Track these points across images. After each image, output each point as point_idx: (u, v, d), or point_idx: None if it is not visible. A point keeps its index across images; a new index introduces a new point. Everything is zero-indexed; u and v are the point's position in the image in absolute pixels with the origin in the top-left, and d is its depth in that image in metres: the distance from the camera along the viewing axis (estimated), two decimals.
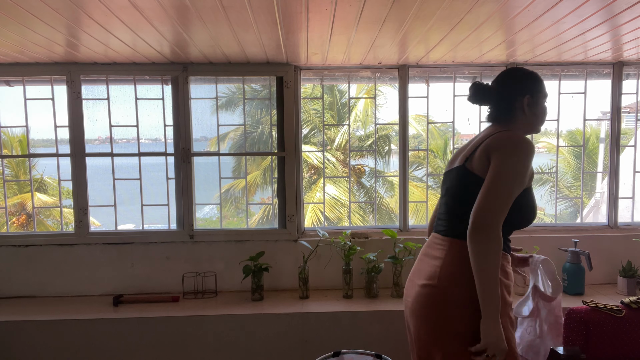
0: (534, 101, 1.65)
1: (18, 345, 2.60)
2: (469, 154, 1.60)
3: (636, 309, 1.95)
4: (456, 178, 1.63)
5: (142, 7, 1.84)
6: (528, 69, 1.72)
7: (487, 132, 1.65)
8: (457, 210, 1.60)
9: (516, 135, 1.56)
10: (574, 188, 11.18)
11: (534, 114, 1.66)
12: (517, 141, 1.53)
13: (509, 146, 1.52)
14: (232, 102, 10.79)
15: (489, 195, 1.45)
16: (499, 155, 1.50)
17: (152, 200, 3.09)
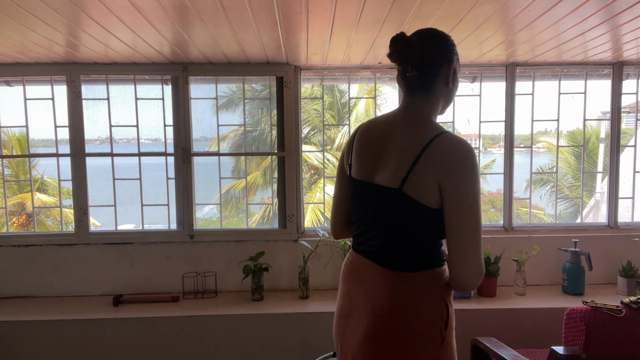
0: (455, 72, 1.35)
1: (18, 345, 2.60)
2: (406, 174, 1.24)
3: (636, 309, 1.94)
4: (393, 205, 1.28)
5: (142, 7, 1.84)
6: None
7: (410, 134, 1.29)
8: (400, 241, 1.30)
9: (462, 142, 1.22)
10: (574, 188, 11.18)
11: (454, 87, 1.37)
12: (470, 154, 1.22)
13: (467, 165, 1.21)
14: (232, 102, 10.79)
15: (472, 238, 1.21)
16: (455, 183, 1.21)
17: (152, 200, 3.09)
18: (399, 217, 1.28)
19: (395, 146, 1.29)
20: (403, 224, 1.28)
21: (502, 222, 3.16)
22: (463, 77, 3.14)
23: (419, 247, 1.30)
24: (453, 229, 1.22)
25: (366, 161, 1.35)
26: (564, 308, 2.09)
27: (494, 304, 2.69)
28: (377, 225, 1.33)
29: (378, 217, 1.33)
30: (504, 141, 3.10)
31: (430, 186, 1.22)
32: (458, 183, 1.21)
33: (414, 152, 1.24)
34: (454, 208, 1.21)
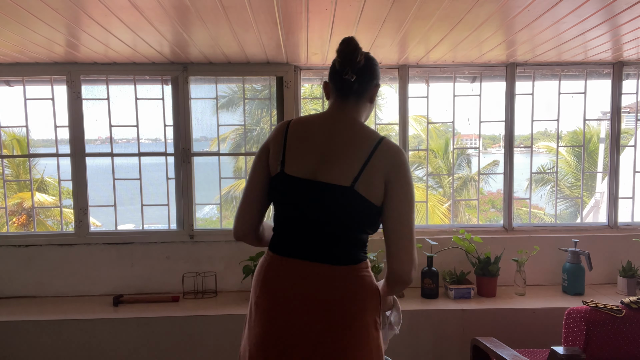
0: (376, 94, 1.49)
1: (18, 345, 2.60)
2: (358, 173, 1.30)
3: (636, 309, 1.94)
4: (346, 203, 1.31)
5: (142, 7, 1.84)
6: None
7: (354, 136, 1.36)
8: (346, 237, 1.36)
9: (399, 146, 1.36)
10: (574, 188, 11.18)
11: (372, 108, 1.51)
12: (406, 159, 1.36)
13: (407, 169, 1.34)
14: (233, 102, 10.80)
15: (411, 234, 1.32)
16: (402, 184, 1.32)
17: (152, 200, 3.09)
18: (348, 215, 1.33)
19: (343, 146, 1.35)
20: (352, 221, 1.34)
21: (502, 222, 3.16)
22: (463, 77, 3.14)
23: (360, 241, 1.39)
24: (397, 224, 1.32)
25: (307, 159, 1.35)
26: (564, 308, 2.09)
27: (494, 304, 2.69)
28: (320, 224, 1.34)
29: (322, 215, 1.33)
30: (504, 141, 3.10)
31: (378, 185, 1.31)
32: (404, 182, 1.33)
33: (364, 153, 1.32)
34: (399, 205, 1.32)
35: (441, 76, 3.12)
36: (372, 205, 1.32)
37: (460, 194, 12.09)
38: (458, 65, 3.01)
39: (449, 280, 2.86)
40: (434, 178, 11.58)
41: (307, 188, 1.34)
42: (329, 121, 1.41)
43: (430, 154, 11.53)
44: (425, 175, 3.82)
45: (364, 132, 1.38)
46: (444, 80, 3.17)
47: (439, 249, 2.90)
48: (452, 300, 2.76)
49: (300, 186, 1.34)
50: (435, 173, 11.96)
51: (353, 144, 1.34)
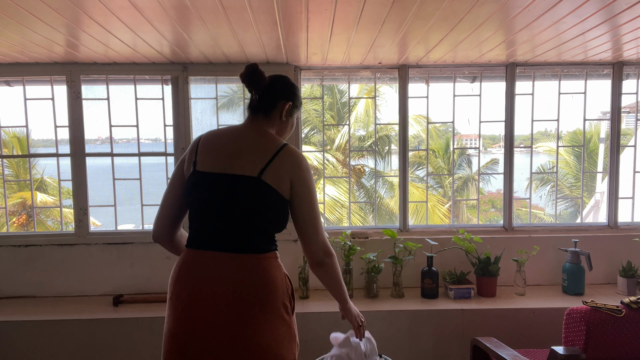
0: (290, 111, 1.67)
1: (18, 345, 2.60)
2: (264, 166, 1.47)
3: (636, 309, 1.94)
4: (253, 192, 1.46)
5: (142, 7, 1.84)
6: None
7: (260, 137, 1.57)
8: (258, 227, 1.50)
9: (299, 152, 1.57)
10: (574, 188, 11.18)
11: (287, 123, 1.69)
12: (305, 160, 1.57)
13: (307, 168, 1.55)
14: (233, 102, 10.80)
15: (318, 223, 1.56)
16: (304, 180, 1.53)
17: (152, 200, 3.09)
18: (257, 203, 1.47)
19: (249, 147, 1.54)
20: (262, 209, 1.48)
21: (502, 222, 3.16)
22: (463, 77, 3.14)
23: (267, 232, 1.54)
24: (305, 215, 1.54)
25: (218, 158, 1.53)
26: (564, 308, 2.09)
27: (494, 304, 2.69)
28: (229, 214, 1.47)
29: (231, 205, 1.47)
30: (504, 141, 3.10)
31: (283, 179, 1.49)
32: (306, 180, 1.53)
33: (270, 152, 1.51)
34: (304, 200, 1.52)
35: (441, 76, 3.12)
36: (280, 195, 1.49)
37: (461, 194, 12.09)
38: (458, 65, 3.01)
39: (449, 280, 2.86)
40: (434, 178, 11.59)
41: (216, 180, 1.49)
42: (239, 130, 1.62)
43: (431, 154, 11.56)
44: (426, 176, 3.82)
45: (269, 138, 1.57)
46: (444, 80, 3.17)
47: (439, 249, 2.90)
48: (452, 300, 2.76)
49: (210, 178, 1.51)
50: (436, 173, 11.96)
51: (259, 146, 1.54)
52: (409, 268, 2.90)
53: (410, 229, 3.10)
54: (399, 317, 2.63)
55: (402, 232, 3.08)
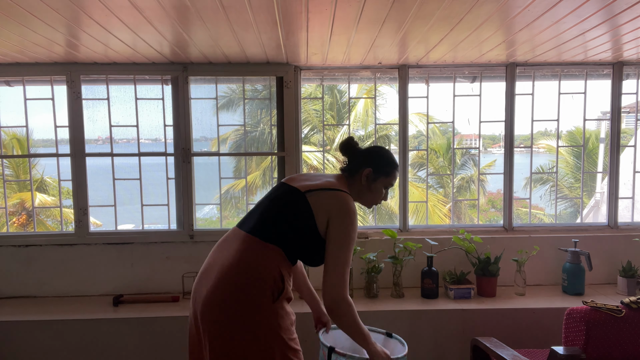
0: (373, 177, 1.81)
1: (18, 345, 2.60)
2: (314, 189, 1.69)
3: (636, 309, 1.95)
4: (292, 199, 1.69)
5: (142, 7, 1.84)
6: (391, 155, 1.88)
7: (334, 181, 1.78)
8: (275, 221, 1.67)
9: (350, 200, 1.70)
10: (574, 188, 11.18)
11: (368, 188, 1.82)
12: (352, 209, 1.68)
13: (350, 215, 1.66)
14: (233, 102, 10.80)
15: (337, 268, 1.61)
16: (341, 223, 1.64)
17: (152, 200, 3.09)
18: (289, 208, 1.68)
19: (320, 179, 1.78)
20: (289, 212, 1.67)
21: (502, 222, 3.16)
22: (463, 77, 3.14)
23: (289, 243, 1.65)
24: (328, 254, 1.63)
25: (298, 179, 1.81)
26: (564, 308, 2.09)
27: (494, 304, 2.69)
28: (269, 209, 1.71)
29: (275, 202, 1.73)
30: (504, 141, 3.10)
31: (322, 211, 1.65)
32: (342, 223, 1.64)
33: (328, 187, 1.71)
34: (332, 239, 1.63)
35: (441, 76, 3.12)
36: (313, 221, 1.64)
37: (463, 195, 12.08)
38: (458, 65, 3.01)
39: (449, 280, 2.86)
40: (435, 178, 11.59)
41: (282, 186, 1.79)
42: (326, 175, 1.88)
43: (433, 154, 11.55)
44: (426, 176, 3.82)
45: (338, 181, 1.79)
46: (444, 80, 3.17)
47: (439, 249, 2.90)
48: (452, 300, 2.76)
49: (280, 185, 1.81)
50: (437, 173, 11.96)
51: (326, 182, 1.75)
52: (409, 268, 2.90)
53: (410, 229, 3.10)
54: (399, 317, 2.63)
55: (402, 232, 3.08)
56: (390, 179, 1.83)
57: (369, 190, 1.82)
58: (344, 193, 1.71)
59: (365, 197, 1.84)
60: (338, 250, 1.62)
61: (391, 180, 1.84)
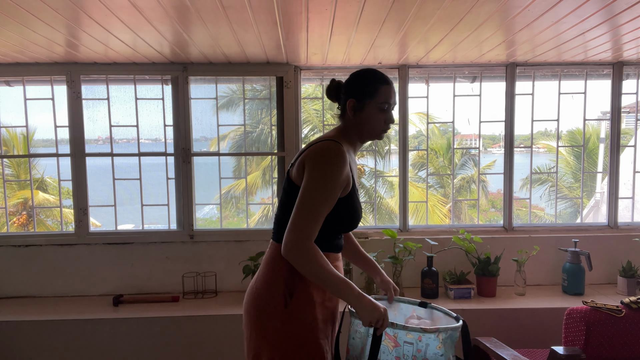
0: (358, 106, 1.59)
1: (18, 345, 2.60)
2: (294, 161, 1.57)
3: (636, 309, 1.95)
4: (285, 187, 1.59)
5: (142, 7, 1.84)
6: (373, 69, 1.62)
7: (321, 136, 1.67)
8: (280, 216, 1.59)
9: (327, 144, 1.52)
10: (574, 188, 11.18)
11: (361, 121, 1.59)
12: (325, 151, 1.51)
13: (318, 158, 1.50)
14: (233, 102, 10.79)
15: (298, 213, 1.45)
16: (308, 169, 1.49)
17: (152, 200, 3.09)
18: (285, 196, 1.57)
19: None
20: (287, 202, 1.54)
21: (502, 222, 3.16)
22: (463, 77, 3.14)
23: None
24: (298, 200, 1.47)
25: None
26: (564, 308, 2.09)
27: (494, 304, 2.69)
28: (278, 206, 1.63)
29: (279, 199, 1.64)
30: (504, 141, 3.10)
31: (300, 170, 1.51)
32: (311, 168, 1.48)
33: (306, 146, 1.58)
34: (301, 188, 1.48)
35: (441, 76, 3.12)
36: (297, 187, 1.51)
37: (464, 195, 12.08)
38: (458, 65, 3.01)
39: (449, 280, 2.86)
40: (435, 178, 11.58)
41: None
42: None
43: (433, 154, 11.54)
44: (426, 176, 3.82)
45: (321, 136, 1.64)
46: (444, 80, 3.17)
47: (439, 249, 2.90)
48: (452, 300, 2.76)
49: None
50: (437, 173, 11.95)
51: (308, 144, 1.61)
52: (409, 268, 2.90)
53: (410, 229, 3.10)
54: None
55: (402, 232, 3.08)
56: (378, 97, 1.57)
57: (363, 122, 1.59)
58: (323, 142, 1.54)
59: (364, 131, 1.61)
60: (302, 196, 1.45)
61: (381, 98, 1.58)
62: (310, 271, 1.44)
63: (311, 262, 1.43)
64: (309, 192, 1.46)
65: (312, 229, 1.44)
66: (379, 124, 1.60)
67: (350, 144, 1.64)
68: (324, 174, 1.47)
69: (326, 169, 1.47)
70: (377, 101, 1.57)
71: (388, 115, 1.60)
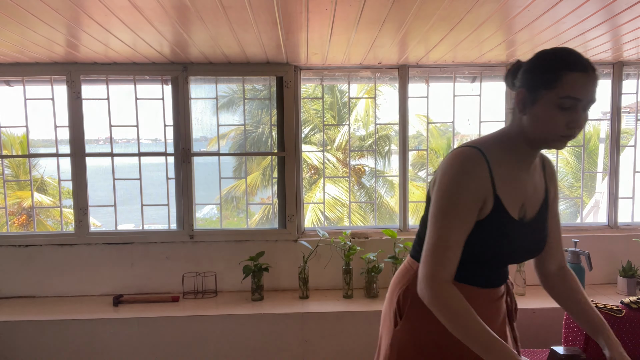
0: (530, 99, 1.18)
1: (18, 345, 2.60)
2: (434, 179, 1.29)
3: (636, 309, 1.94)
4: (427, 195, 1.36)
5: (142, 7, 1.84)
6: (566, 49, 1.21)
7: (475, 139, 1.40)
8: (419, 231, 1.39)
9: (460, 152, 1.22)
10: (574, 188, 11.18)
11: (532, 118, 1.19)
12: (454, 161, 1.21)
13: (446, 169, 1.21)
14: (233, 102, 10.80)
15: (427, 241, 1.21)
16: (436, 183, 1.23)
17: (152, 200, 3.09)
18: (425, 211, 1.33)
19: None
20: (425, 218, 1.32)
21: None
22: (463, 77, 3.14)
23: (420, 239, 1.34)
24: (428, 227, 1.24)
25: None
26: None
27: None
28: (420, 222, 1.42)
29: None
30: None
31: (434, 182, 1.27)
32: (440, 184, 1.22)
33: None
34: (430, 208, 1.24)
35: (441, 76, 3.12)
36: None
37: None
38: (458, 65, 3.01)
39: None
40: None
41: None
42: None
43: (434, 154, 11.54)
44: (426, 176, 3.82)
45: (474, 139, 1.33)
46: (444, 80, 3.17)
47: None
48: None
49: None
50: None
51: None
52: None
53: (411, 229, 3.10)
54: None
55: (402, 232, 3.08)
56: (559, 89, 1.13)
57: (533, 122, 1.18)
58: (458, 148, 1.24)
59: (534, 134, 1.19)
60: (430, 217, 1.21)
61: (563, 90, 1.13)
62: (444, 319, 1.15)
63: (444, 309, 1.15)
64: (435, 214, 1.20)
65: (442, 261, 1.17)
66: (556, 126, 1.16)
67: (512, 151, 1.25)
68: (449, 190, 1.19)
69: (452, 183, 1.18)
70: (556, 93, 1.14)
71: (574, 116, 1.16)
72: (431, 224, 1.21)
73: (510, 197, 1.23)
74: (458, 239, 1.18)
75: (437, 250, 1.18)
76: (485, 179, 1.19)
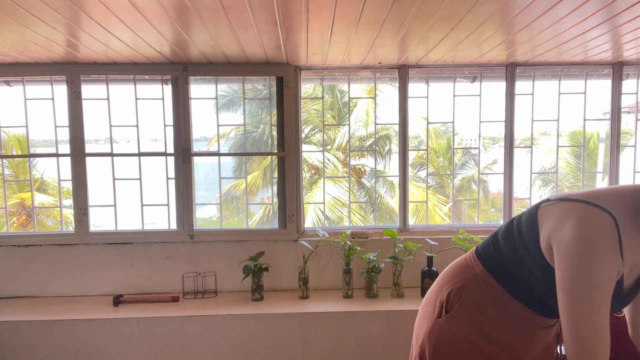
0: None
1: (18, 345, 2.60)
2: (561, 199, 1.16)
3: None
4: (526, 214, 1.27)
5: (142, 7, 1.84)
6: None
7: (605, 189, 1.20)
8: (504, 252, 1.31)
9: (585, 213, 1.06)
10: (575, 188, 11.18)
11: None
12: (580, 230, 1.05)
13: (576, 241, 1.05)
14: (233, 102, 10.80)
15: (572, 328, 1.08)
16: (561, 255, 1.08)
17: (152, 200, 3.09)
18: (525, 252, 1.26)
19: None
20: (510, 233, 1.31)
21: (502, 222, 3.16)
22: (463, 77, 3.14)
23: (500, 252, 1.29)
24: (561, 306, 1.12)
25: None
26: None
27: None
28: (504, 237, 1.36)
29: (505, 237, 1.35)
30: (504, 141, 3.10)
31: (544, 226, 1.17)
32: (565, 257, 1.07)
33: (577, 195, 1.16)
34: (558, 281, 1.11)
35: (441, 76, 3.12)
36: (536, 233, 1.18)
37: (465, 195, 12.08)
38: (458, 65, 3.01)
39: None
40: (435, 179, 11.59)
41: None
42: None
43: (434, 154, 11.55)
44: (426, 176, 3.82)
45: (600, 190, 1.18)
46: (444, 80, 3.17)
47: (439, 249, 2.90)
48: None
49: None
50: (437, 173, 11.96)
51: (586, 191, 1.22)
52: (409, 268, 2.90)
53: (410, 229, 3.10)
54: (399, 317, 2.63)
55: (402, 232, 3.08)
56: None
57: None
58: (581, 204, 1.08)
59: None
60: (566, 299, 1.06)
61: None
62: None
63: None
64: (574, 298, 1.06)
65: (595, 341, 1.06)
66: None
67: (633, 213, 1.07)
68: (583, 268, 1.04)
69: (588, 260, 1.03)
70: None
71: None
72: (567, 300, 1.08)
73: (628, 268, 1.11)
74: (603, 314, 1.06)
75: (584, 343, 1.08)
76: (616, 249, 1.06)
